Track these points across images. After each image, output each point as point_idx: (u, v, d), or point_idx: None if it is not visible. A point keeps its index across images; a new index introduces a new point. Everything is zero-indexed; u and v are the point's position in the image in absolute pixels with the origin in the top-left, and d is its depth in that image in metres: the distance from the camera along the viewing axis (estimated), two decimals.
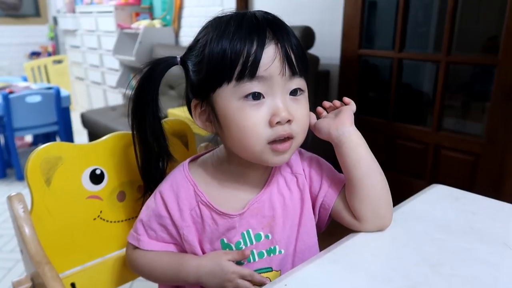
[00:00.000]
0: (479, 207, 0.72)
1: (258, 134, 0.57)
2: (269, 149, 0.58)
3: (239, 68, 0.55)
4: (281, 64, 0.56)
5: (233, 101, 0.57)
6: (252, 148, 0.58)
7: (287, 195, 0.66)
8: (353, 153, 0.63)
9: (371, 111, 2.22)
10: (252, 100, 0.56)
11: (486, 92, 1.88)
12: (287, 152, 0.59)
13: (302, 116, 0.60)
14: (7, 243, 2.04)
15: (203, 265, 0.62)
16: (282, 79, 0.56)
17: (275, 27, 0.57)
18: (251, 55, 0.54)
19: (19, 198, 0.65)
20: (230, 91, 0.56)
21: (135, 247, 0.68)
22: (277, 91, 0.57)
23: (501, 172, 1.76)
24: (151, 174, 0.69)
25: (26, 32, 5.16)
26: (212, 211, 0.63)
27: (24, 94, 2.65)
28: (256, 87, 0.56)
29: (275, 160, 0.59)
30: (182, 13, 3.29)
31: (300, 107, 0.59)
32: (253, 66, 0.55)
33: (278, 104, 0.56)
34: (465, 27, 1.97)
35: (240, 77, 0.55)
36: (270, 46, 0.56)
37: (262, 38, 0.55)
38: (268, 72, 0.55)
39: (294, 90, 0.59)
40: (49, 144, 0.69)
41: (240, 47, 0.55)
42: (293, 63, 0.57)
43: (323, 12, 2.30)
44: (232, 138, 0.59)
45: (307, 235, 0.67)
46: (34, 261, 0.61)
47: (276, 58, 0.55)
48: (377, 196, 0.63)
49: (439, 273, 0.53)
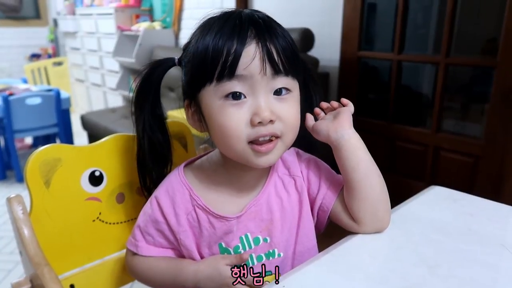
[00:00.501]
0: (477, 209, 0.72)
1: (238, 134, 0.56)
2: (250, 149, 0.57)
3: (219, 68, 0.55)
4: (262, 63, 0.55)
5: (215, 100, 0.57)
6: (234, 148, 0.58)
7: (285, 197, 0.66)
8: (352, 156, 0.63)
9: (371, 113, 2.22)
10: (232, 100, 0.56)
11: (485, 94, 1.89)
12: (271, 152, 0.58)
13: (288, 115, 0.58)
14: (7, 245, 2.04)
15: (201, 270, 0.62)
16: (264, 78, 0.55)
17: (258, 26, 0.56)
18: (231, 54, 0.54)
19: (19, 200, 0.65)
20: (212, 91, 0.57)
21: (133, 253, 0.68)
22: (259, 90, 0.56)
23: (501, 174, 1.77)
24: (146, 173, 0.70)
25: (26, 34, 5.17)
26: (208, 215, 0.63)
27: (24, 96, 2.65)
28: (236, 87, 0.55)
29: (258, 161, 0.58)
30: (182, 15, 3.30)
31: (285, 106, 0.58)
32: (232, 65, 0.54)
33: (260, 103, 0.56)
34: (464, 29, 1.97)
35: (220, 77, 0.55)
36: (251, 45, 0.55)
37: (242, 36, 0.54)
38: (248, 71, 0.55)
39: (279, 90, 0.57)
40: (48, 146, 0.69)
41: (221, 47, 0.54)
42: (275, 62, 0.56)
43: (322, 14, 2.30)
44: (216, 137, 0.60)
45: (306, 237, 0.66)
46: (33, 263, 0.61)
47: (256, 57, 0.54)
48: (375, 198, 0.63)
49: (436, 274, 0.54)
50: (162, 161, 0.70)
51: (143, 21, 3.53)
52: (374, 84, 2.38)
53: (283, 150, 0.61)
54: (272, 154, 0.59)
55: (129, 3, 3.62)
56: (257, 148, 0.57)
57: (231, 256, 0.62)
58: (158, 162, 0.69)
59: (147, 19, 3.57)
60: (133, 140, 0.76)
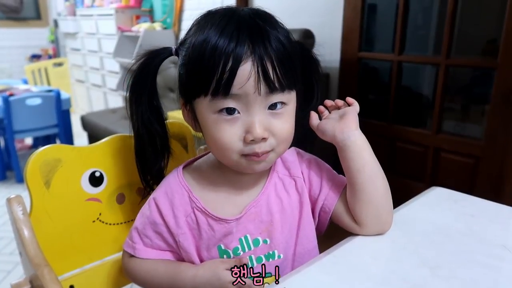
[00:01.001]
0: (478, 210, 0.72)
1: (232, 149, 0.57)
2: (245, 161, 0.58)
3: (214, 85, 0.54)
4: (256, 83, 0.53)
5: (209, 113, 0.57)
6: (228, 160, 0.59)
7: (285, 198, 0.65)
8: (358, 158, 0.62)
9: (371, 114, 2.22)
10: (227, 115, 0.56)
11: (485, 95, 1.88)
12: (264, 161, 0.59)
13: (282, 132, 0.58)
14: (7, 246, 2.04)
15: (199, 275, 0.61)
16: (258, 97, 0.54)
17: (257, 35, 0.54)
18: (226, 72, 0.53)
19: (18, 200, 0.65)
20: (207, 104, 0.56)
21: (131, 256, 0.67)
22: (253, 107, 0.55)
23: (501, 175, 1.76)
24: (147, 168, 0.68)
25: (27, 35, 5.17)
26: (208, 217, 0.62)
27: (24, 97, 2.65)
28: (231, 103, 0.55)
29: (250, 169, 0.59)
30: (182, 16, 3.30)
31: (280, 122, 0.57)
32: (226, 85, 0.53)
33: (253, 121, 0.55)
34: (465, 30, 1.97)
35: (215, 93, 0.54)
36: (247, 63, 0.53)
37: (239, 53, 0.52)
38: (243, 90, 0.54)
39: (274, 104, 0.57)
40: (48, 146, 0.69)
41: (215, 60, 0.53)
42: (270, 81, 0.54)
43: (323, 15, 2.30)
44: (210, 145, 0.61)
45: (306, 239, 0.66)
46: (33, 264, 0.61)
47: (251, 77, 0.53)
48: (379, 201, 0.62)
49: (438, 275, 0.53)
50: (161, 154, 0.68)
51: (143, 22, 3.54)
52: (375, 85, 2.38)
53: (275, 158, 0.62)
54: (265, 163, 0.60)
55: (130, 4, 3.62)
56: (250, 157, 0.57)
57: (230, 260, 0.61)
58: (157, 154, 0.68)
59: (147, 20, 3.58)
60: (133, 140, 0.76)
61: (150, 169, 0.68)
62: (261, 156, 0.57)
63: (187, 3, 3.22)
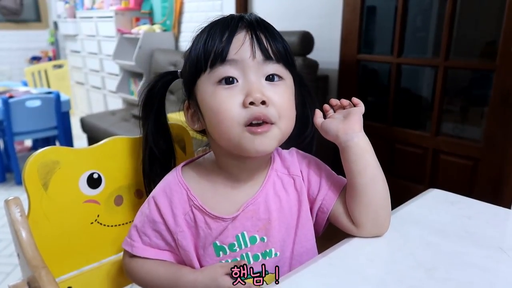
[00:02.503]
0: (475, 212, 0.73)
1: (232, 117, 0.56)
2: (247, 132, 0.57)
3: (212, 55, 0.58)
4: (252, 47, 0.58)
5: (209, 86, 0.59)
6: (229, 133, 0.57)
7: (283, 197, 0.66)
8: (360, 160, 0.62)
9: (370, 116, 2.22)
10: (225, 84, 0.58)
11: (484, 97, 1.89)
12: (266, 136, 0.57)
13: (280, 100, 0.58)
14: (6, 248, 2.04)
15: (199, 281, 0.61)
16: (254, 61, 0.58)
17: (250, 21, 0.59)
18: (222, 42, 0.58)
19: (16, 202, 0.65)
20: (206, 78, 0.59)
21: (131, 256, 0.67)
22: (250, 73, 0.58)
23: (500, 177, 1.76)
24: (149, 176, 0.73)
25: (27, 37, 5.18)
26: (205, 215, 0.63)
27: (24, 99, 2.66)
28: (229, 71, 0.58)
29: (253, 145, 0.57)
30: (182, 18, 3.31)
31: (278, 92, 0.59)
32: (223, 51, 0.57)
33: (252, 85, 0.57)
34: (463, 32, 1.97)
35: (213, 63, 0.58)
36: (241, 32, 0.58)
37: (233, 27, 0.58)
38: (239, 55, 0.57)
39: (271, 76, 0.59)
40: (46, 148, 0.69)
41: (215, 39, 0.58)
42: (264, 47, 0.58)
43: (322, 17, 2.31)
44: (211, 126, 0.60)
45: (305, 237, 0.66)
46: (31, 265, 0.61)
47: (246, 42, 0.58)
48: (378, 204, 0.62)
49: (434, 277, 0.54)
50: (165, 168, 0.71)
51: (143, 24, 3.55)
52: (374, 87, 2.39)
53: (279, 138, 0.60)
54: (268, 138, 0.58)
55: (129, 6, 3.63)
56: (253, 129, 0.56)
57: (229, 264, 0.61)
58: (161, 169, 0.71)
59: (147, 22, 3.58)
60: (132, 143, 0.77)
61: (154, 181, 0.71)
62: (263, 124, 0.57)
63: (186, 6, 3.23)
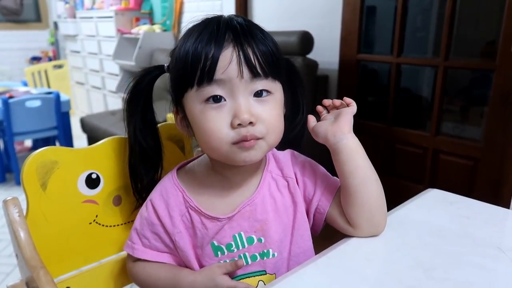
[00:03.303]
0: (473, 212, 0.72)
1: (221, 137, 0.57)
2: (236, 149, 0.57)
3: (199, 73, 0.56)
4: (239, 67, 0.56)
5: (197, 105, 0.58)
6: (218, 150, 0.58)
7: (278, 198, 0.66)
8: (350, 161, 0.62)
9: (370, 116, 2.22)
10: (213, 103, 0.57)
11: (484, 97, 1.89)
12: (253, 149, 0.58)
13: (268, 117, 0.58)
14: (5, 248, 2.04)
15: (198, 282, 0.62)
16: (242, 81, 0.56)
17: (236, 30, 0.57)
18: (209, 59, 0.55)
19: (14, 202, 0.65)
20: (194, 95, 0.58)
21: (134, 260, 0.68)
22: (238, 93, 0.56)
23: (500, 177, 1.76)
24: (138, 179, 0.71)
25: (27, 37, 5.18)
26: (201, 216, 0.64)
27: (24, 99, 2.66)
28: (216, 90, 0.56)
29: (240, 157, 0.58)
30: (182, 18, 3.31)
31: (266, 108, 0.58)
32: (210, 70, 0.55)
33: (239, 106, 0.56)
34: (463, 32, 1.97)
35: (200, 82, 0.56)
36: (228, 49, 0.56)
37: (219, 41, 0.56)
38: (226, 75, 0.56)
39: (259, 92, 0.58)
40: (45, 148, 0.69)
41: (199, 52, 0.56)
42: (252, 65, 0.56)
43: (322, 17, 2.31)
44: (200, 140, 0.61)
45: (301, 238, 0.67)
46: (29, 266, 0.61)
47: (233, 61, 0.55)
48: (372, 204, 0.63)
49: (432, 277, 0.54)
50: (153, 167, 0.71)
51: (143, 24, 3.55)
52: (373, 87, 2.39)
53: (266, 149, 0.60)
54: (254, 151, 0.58)
55: (129, 6, 3.63)
56: (240, 144, 0.57)
57: (226, 264, 0.62)
58: (149, 167, 0.70)
59: (147, 22, 3.59)
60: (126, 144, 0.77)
61: (141, 181, 0.71)
62: (250, 140, 0.57)
63: (186, 6, 3.23)
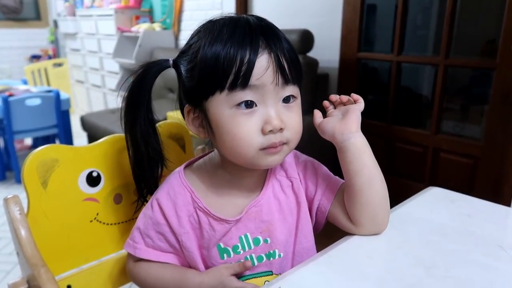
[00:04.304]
0: (474, 210, 0.72)
1: (250, 142, 0.57)
2: (262, 154, 0.58)
3: (232, 77, 0.55)
4: (274, 74, 0.56)
5: (225, 109, 0.57)
6: (245, 155, 0.58)
7: (282, 199, 0.66)
8: (357, 161, 0.62)
9: (370, 114, 2.22)
10: (245, 109, 0.56)
11: (484, 95, 1.88)
12: (278, 153, 0.59)
13: (295, 123, 0.59)
14: (6, 246, 2.04)
15: (205, 283, 0.61)
16: (275, 88, 0.56)
17: (268, 34, 0.57)
18: (244, 64, 0.54)
19: (15, 200, 0.65)
20: (223, 99, 0.56)
21: (135, 260, 0.68)
22: (270, 99, 0.57)
23: (500, 175, 1.76)
24: (143, 178, 0.69)
25: (27, 36, 5.17)
26: (209, 217, 0.63)
27: (24, 97, 2.65)
28: (248, 96, 0.56)
29: (266, 162, 0.59)
30: (182, 17, 3.30)
31: (293, 115, 0.59)
32: (245, 76, 0.54)
33: (271, 112, 0.56)
34: (464, 30, 1.97)
35: (233, 86, 0.55)
36: (263, 55, 0.55)
37: (255, 46, 0.55)
38: (261, 81, 0.55)
39: (287, 98, 0.58)
40: (45, 146, 0.69)
41: (233, 55, 0.54)
42: (286, 72, 0.57)
43: (322, 15, 2.30)
44: (225, 145, 0.59)
45: (305, 237, 0.67)
46: (30, 263, 0.61)
47: (270, 67, 0.55)
48: (376, 204, 0.62)
49: (433, 275, 0.54)
50: (156, 164, 0.69)
51: (143, 22, 3.54)
52: (374, 85, 2.38)
53: (287, 153, 0.62)
54: (279, 155, 0.60)
55: (129, 4, 3.62)
56: (268, 151, 0.58)
57: (234, 265, 0.62)
58: (153, 166, 0.68)
59: (147, 20, 3.58)
60: None
61: (146, 181, 0.69)
62: (278, 147, 0.58)
63: (186, 4, 3.22)
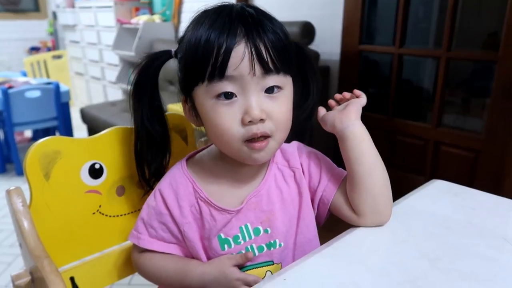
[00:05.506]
0: (478, 202, 0.72)
1: (231, 133, 0.57)
2: (245, 147, 0.58)
3: (209, 68, 0.55)
4: (251, 63, 0.55)
5: (207, 100, 0.58)
6: (229, 146, 0.59)
7: (284, 189, 0.66)
8: (357, 148, 0.63)
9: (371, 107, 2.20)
10: (224, 99, 0.56)
11: (486, 89, 1.88)
12: (263, 150, 0.59)
13: (279, 114, 0.58)
14: (7, 238, 2.05)
15: (207, 273, 0.62)
16: (254, 78, 0.55)
17: (248, 24, 0.55)
18: (221, 54, 0.54)
19: (18, 192, 0.64)
20: (204, 90, 0.57)
21: (140, 251, 0.68)
22: (250, 89, 0.56)
23: (501, 169, 1.76)
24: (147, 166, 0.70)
25: (26, 27, 5.14)
26: (210, 207, 0.63)
27: (23, 89, 2.64)
28: (227, 87, 0.56)
29: (252, 158, 0.59)
30: (181, 8, 3.28)
31: (276, 105, 0.58)
32: (221, 67, 0.54)
33: (250, 102, 0.56)
34: (466, 23, 1.96)
35: (211, 77, 0.55)
36: (240, 44, 0.55)
37: (231, 37, 0.54)
38: (238, 72, 0.55)
39: (270, 88, 0.57)
40: (48, 138, 0.68)
41: (211, 45, 0.55)
42: (265, 62, 0.55)
43: (323, 7, 2.29)
44: (211, 135, 0.61)
45: (307, 228, 0.67)
46: (33, 255, 0.61)
47: (245, 58, 0.54)
48: (378, 192, 0.63)
49: (437, 267, 0.54)
50: (161, 153, 0.70)
51: (142, 14, 3.52)
52: (375, 78, 2.38)
53: (275, 148, 0.61)
54: (265, 152, 0.59)
55: None
56: (251, 145, 0.58)
57: (236, 256, 0.62)
58: (156, 153, 0.70)
59: (146, 12, 3.56)
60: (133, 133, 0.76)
61: (148, 168, 0.70)
62: (260, 137, 0.57)
63: None
